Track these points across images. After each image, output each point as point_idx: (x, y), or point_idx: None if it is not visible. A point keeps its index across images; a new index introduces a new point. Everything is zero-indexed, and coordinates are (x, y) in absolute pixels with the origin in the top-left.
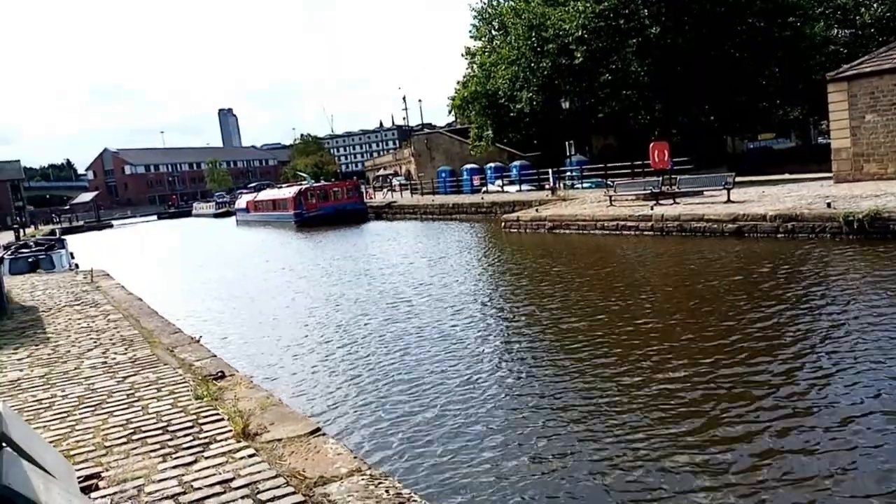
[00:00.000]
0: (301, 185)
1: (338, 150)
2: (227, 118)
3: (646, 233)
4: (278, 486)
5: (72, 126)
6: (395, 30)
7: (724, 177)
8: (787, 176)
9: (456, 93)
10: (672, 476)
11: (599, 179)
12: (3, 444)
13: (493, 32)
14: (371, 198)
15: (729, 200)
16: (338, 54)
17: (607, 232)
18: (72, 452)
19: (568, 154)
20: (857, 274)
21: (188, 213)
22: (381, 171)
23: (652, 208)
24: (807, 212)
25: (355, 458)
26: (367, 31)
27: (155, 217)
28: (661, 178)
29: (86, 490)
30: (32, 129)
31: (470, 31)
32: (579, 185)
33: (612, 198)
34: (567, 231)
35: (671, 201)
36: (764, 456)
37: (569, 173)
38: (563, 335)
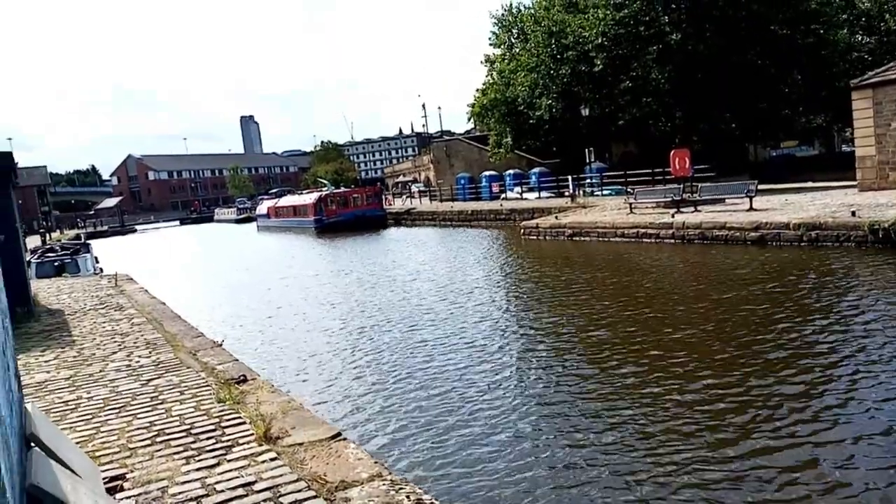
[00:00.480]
0: (321, 191)
1: (357, 157)
2: (248, 125)
3: (666, 241)
4: (300, 490)
5: (96, 132)
6: (415, 39)
7: (747, 184)
8: (810, 184)
9: (475, 100)
10: (707, 491)
11: (619, 187)
12: (32, 444)
13: (513, 40)
14: (390, 204)
15: (751, 208)
16: (360, 62)
17: (627, 240)
18: (97, 454)
19: (588, 161)
20: (885, 283)
21: (210, 219)
22: (401, 178)
23: (673, 216)
24: (831, 220)
25: (376, 463)
26: (389, 41)
27: (177, 222)
28: (682, 186)
29: (111, 491)
30: (56, 136)
31: (490, 39)
32: (599, 193)
33: (633, 205)
34: (587, 238)
35: (692, 209)
36: (801, 470)
37: (588, 180)
38: (588, 345)
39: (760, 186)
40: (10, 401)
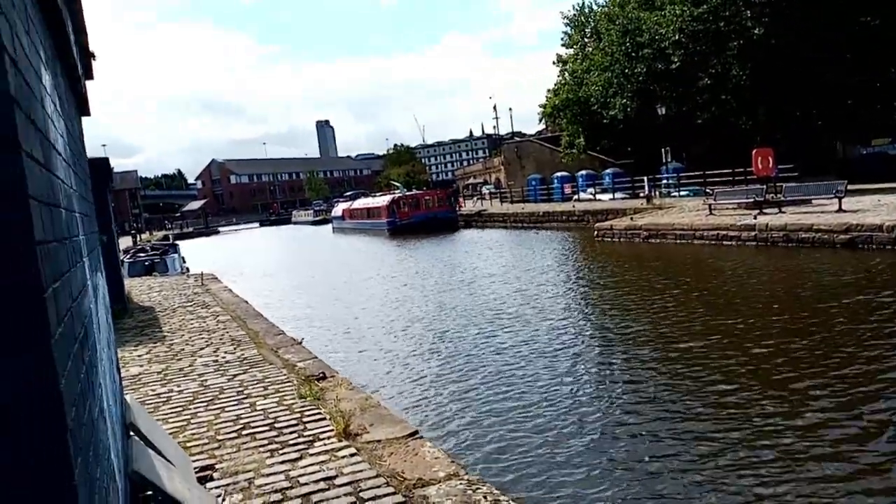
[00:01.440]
0: (394, 193)
1: (429, 160)
2: (324, 130)
3: (748, 243)
4: (379, 486)
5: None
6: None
7: (835, 184)
8: None
9: (547, 101)
10: None
11: (697, 187)
12: (132, 433)
13: (585, 40)
14: (461, 206)
15: (840, 209)
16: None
17: (706, 242)
18: (188, 444)
19: (664, 161)
20: None
21: (288, 221)
22: (471, 180)
23: (755, 217)
24: None
25: (453, 462)
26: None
27: (257, 224)
28: (765, 186)
29: (201, 480)
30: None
31: (562, 39)
32: (676, 194)
33: (712, 206)
34: (663, 241)
35: (776, 210)
36: None
37: (665, 181)
38: (671, 356)
39: (850, 186)
40: (115, 392)
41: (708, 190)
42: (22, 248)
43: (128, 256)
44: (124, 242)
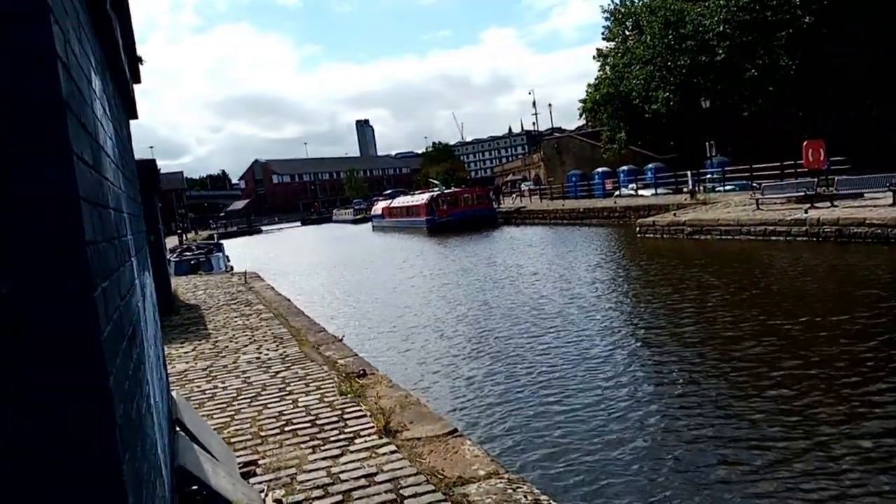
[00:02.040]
0: (433, 191)
1: (467, 157)
2: (364, 129)
3: (798, 238)
4: (419, 484)
5: (227, 139)
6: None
7: (890, 177)
8: None
9: (587, 95)
10: None
11: (744, 181)
12: (177, 429)
13: (627, 32)
14: (501, 204)
15: (895, 203)
16: (471, 63)
17: (753, 237)
18: (232, 440)
19: (708, 155)
20: None
21: (328, 220)
22: (510, 177)
23: (806, 212)
24: None
25: (492, 460)
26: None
27: (299, 223)
28: (816, 179)
29: (245, 476)
30: (195, 144)
31: (602, 33)
32: (721, 188)
33: (759, 201)
34: (708, 236)
35: (828, 204)
36: None
37: (709, 175)
38: (728, 358)
39: None
40: (162, 388)
41: (755, 184)
42: (72, 248)
43: (174, 255)
44: (171, 242)
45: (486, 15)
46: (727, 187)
